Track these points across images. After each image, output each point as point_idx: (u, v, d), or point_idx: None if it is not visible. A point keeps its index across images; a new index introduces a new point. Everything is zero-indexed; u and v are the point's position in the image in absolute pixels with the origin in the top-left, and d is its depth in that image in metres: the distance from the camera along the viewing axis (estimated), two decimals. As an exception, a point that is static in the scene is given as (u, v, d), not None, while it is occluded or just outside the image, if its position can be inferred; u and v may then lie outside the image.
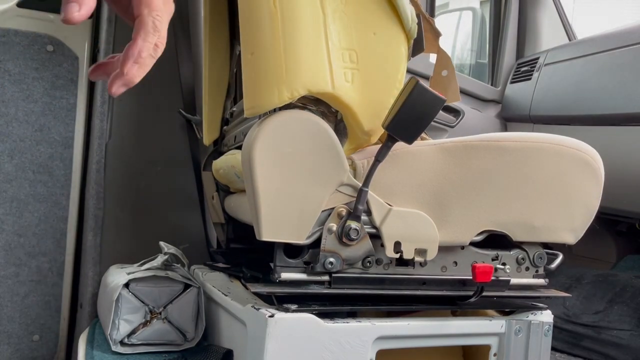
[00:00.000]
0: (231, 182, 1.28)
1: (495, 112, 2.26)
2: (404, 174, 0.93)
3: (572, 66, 1.96)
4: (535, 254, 1.05)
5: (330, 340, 0.90)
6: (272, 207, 0.86)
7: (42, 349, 1.56)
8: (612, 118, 1.76)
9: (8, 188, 1.51)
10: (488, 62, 2.41)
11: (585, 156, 1.03)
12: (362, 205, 0.90)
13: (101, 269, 1.49)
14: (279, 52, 0.84)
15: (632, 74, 1.71)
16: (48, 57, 1.55)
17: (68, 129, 1.57)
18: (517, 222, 1.00)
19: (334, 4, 0.89)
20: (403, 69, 0.94)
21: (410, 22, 0.94)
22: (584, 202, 1.05)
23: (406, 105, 0.84)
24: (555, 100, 1.99)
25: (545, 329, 1.06)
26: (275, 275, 0.90)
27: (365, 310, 1.00)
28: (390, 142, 0.88)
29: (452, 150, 0.96)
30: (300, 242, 0.90)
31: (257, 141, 0.85)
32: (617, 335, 1.50)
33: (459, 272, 1.01)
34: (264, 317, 0.88)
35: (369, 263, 0.94)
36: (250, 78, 0.87)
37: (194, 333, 1.22)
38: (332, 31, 0.88)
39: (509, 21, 2.33)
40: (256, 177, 0.85)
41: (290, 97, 0.84)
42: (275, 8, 0.85)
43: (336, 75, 0.87)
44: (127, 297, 1.17)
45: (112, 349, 1.16)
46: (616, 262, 2.08)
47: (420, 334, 0.99)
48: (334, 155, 0.89)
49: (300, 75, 0.84)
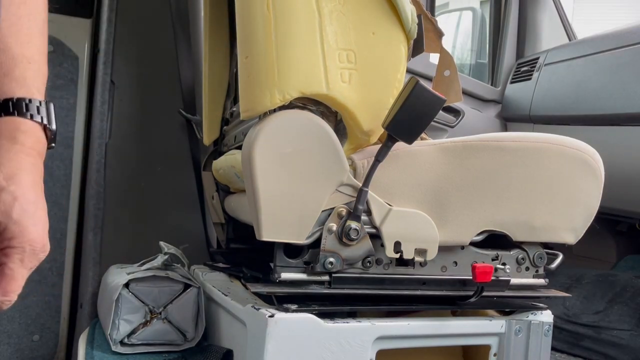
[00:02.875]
0: (231, 182, 1.28)
1: (495, 112, 2.26)
2: (404, 174, 0.93)
3: (572, 66, 1.96)
4: (535, 254, 1.05)
5: (330, 340, 0.90)
6: (272, 207, 0.86)
7: (42, 349, 1.56)
8: (612, 118, 1.76)
9: (8, 188, 1.50)
10: (488, 62, 2.41)
11: (585, 156, 1.03)
12: (362, 205, 0.90)
13: (101, 269, 1.49)
14: (272, 55, 0.85)
15: (632, 74, 1.71)
16: (48, 57, 1.54)
17: (68, 129, 1.57)
18: (517, 222, 1.00)
19: (331, 4, 0.89)
20: (403, 69, 0.94)
21: (410, 22, 0.94)
22: (584, 202, 1.04)
23: (406, 105, 0.84)
24: (555, 100, 1.99)
25: (545, 329, 1.06)
26: (275, 275, 0.90)
27: (365, 310, 1.00)
28: (390, 142, 0.88)
29: (452, 150, 0.95)
30: (300, 242, 0.90)
31: (257, 141, 0.85)
32: (617, 335, 1.50)
33: (459, 272, 1.01)
34: (264, 317, 0.88)
35: (369, 263, 0.94)
36: (245, 81, 0.88)
37: (194, 333, 1.21)
38: (328, 32, 0.88)
39: (509, 21, 2.33)
40: (256, 177, 0.85)
41: (282, 100, 0.85)
42: (269, 12, 0.85)
43: (331, 76, 0.87)
44: (127, 297, 1.17)
45: (112, 349, 1.16)
46: (616, 262, 2.08)
47: (420, 334, 0.99)
48: (334, 155, 0.89)
49: (293, 77, 0.85)
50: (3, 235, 0.47)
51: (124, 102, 1.59)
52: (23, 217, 0.48)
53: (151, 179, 1.63)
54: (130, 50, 1.65)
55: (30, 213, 0.48)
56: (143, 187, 1.62)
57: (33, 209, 0.49)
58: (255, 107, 0.86)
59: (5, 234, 0.47)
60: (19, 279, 0.47)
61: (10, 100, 0.49)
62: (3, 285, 0.46)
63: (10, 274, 0.47)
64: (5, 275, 0.46)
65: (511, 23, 2.33)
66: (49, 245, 0.50)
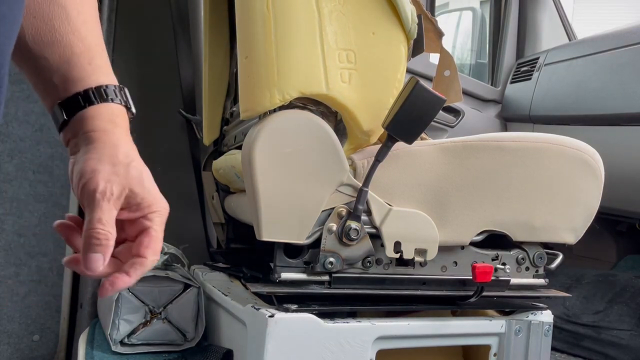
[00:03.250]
0: (231, 182, 1.28)
1: (495, 112, 2.26)
2: (404, 174, 0.93)
3: (572, 66, 1.96)
4: (535, 254, 1.05)
5: (330, 340, 0.90)
6: (272, 207, 0.86)
7: (42, 349, 1.56)
8: (612, 118, 1.76)
9: (8, 188, 1.51)
10: (488, 62, 2.41)
11: (585, 156, 1.03)
12: (362, 205, 0.90)
13: (101, 269, 1.49)
14: (272, 56, 0.85)
15: (632, 74, 1.71)
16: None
17: (68, 128, 1.57)
18: (517, 222, 1.00)
19: (331, 4, 0.89)
20: (403, 69, 0.94)
21: (410, 23, 0.94)
22: (584, 202, 1.04)
23: (406, 105, 0.84)
24: (555, 100, 1.98)
25: (545, 329, 1.06)
26: (275, 275, 0.90)
27: (365, 310, 1.00)
28: (390, 142, 0.88)
29: (452, 150, 0.95)
30: (300, 242, 0.90)
31: (257, 141, 0.85)
32: (617, 335, 1.50)
33: (459, 272, 1.01)
34: (264, 317, 0.88)
35: (369, 263, 0.94)
36: (245, 81, 0.88)
37: (194, 333, 1.21)
38: (328, 32, 0.88)
39: (509, 21, 2.33)
40: (256, 177, 0.85)
41: (282, 100, 0.85)
42: (268, 12, 0.85)
43: (331, 76, 0.87)
44: (127, 297, 1.17)
45: (112, 349, 1.16)
46: (616, 262, 2.08)
47: (420, 334, 0.99)
48: (334, 155, 0.89)
49: (292, 77, 0.85)
50: (141, 204, 0.52)
51: (124, 102, 1.59)
52: (152, 186, 0.53)
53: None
54: (130, 50, 1.65)
55: (153, 182, 0.54)
56: (143, 187, 1.62)
57: (152, 179, 0.54)
58: (255, 107, 0.87)
59: (144, 202, 0.52)
60: (162, 239, 0.53)
61: (102, 87, 0.54)
62: (153, 245, 0.52)
63: (156, 235, 0.52)
64: (153, 237, 0.52)
65: (511, 23, 2.33)
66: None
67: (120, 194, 0.50)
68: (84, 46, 0.54)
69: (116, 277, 0.50)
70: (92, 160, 0.51)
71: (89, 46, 0.54)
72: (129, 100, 0.58)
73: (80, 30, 0.54)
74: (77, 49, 0.53)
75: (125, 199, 0.51)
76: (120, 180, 0.50)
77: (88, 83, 0.53)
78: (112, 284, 0.50)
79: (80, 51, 0.53)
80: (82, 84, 0.53)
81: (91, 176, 0.50)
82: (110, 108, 0.54)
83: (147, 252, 0.51)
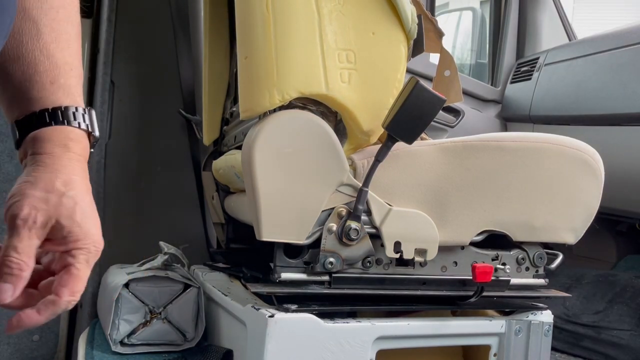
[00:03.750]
0: (231, 182, 1.28)
1: (495, 112, 2.26)
2: (404, 174, 0.93)
3: (572, 66, 1.96)
4: (535, 254, 1.05)
5: (330, 340, 0.90)
6: (272, 207, 0.86)
7: (42, 349, 1.56)
8: (612, 118, 1.76)
9: (8, 188, 1.50)
10: (488, 62, 2.41)
11: (585, 156, 1.03)
12: (362, 205, 0.90)
13: (101, 269, 1.49)
14: (271, 56, 0.85)
15: (632, 74, 1.71)
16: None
17: (68, 129, 1.56)
18: (517, 222, 1.00)
19: (331, 4, 0.89)
20: (402, 69, 0.94)
21: (410, 22, 0.94)
22: (584, 202, 1.04)
23: (406, 105, 0.84)
24: (555, 100, 1.98)
25: (545, 329, 1.06)
26: (275, 275, 0.90)
27: (365, 310, 1.00)
28: (390, 142, 0.88)
29: (452, 150, 0.95)
30: (300, 242, 0.90)
31: (257, 141, 0.85)
32: (617, 335, 1.50)
33: (459, 272, 1.01)
34: (264, 317, 0.88)
35: (369, 263, 0.94)
36: (245, 81, 0.89)
37: (194, 333, 1.21)
38: (327, 32, 0.88)
39: (509, 21, 2.33)
40: (256, 177, 0.85)
41: (281, 100, 0.85)
42: (268, 12, 0.86)
43: (331, 76, 0.88)
44: (127, 297, 1.17)
45: (112, 349, 1.16)
46: (616, 262, 2.08)
47: (420, 334, 0.99)
48: (334, 155, 0.89)
49: (292, 77, 0.85)
50: (67, 238, 0.48)
51: (123, 102, 1.59)
52: (85, 220, 0.49)
53: (151, 179, 1.63)
54: (130, 50, 1.65)
55: (89, 215, 0.50)
56: (143, 187, 1.62)
57: (90, 211, 0.50)
58: (254, 107, 0.87)
59: (70, 236, 0.48)
60: (85, 279, 0.49)
61: (59, 109, 0.51)
62: (71, 285, 0.48)
63: (77, 274, 0.48)
64: (73, 276, 0.48)
65: (511, 23, 2.33)
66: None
67: (45, 223, 0.47)
68: (49, 64, 0.51)
69: (25, 313, 0.47)
70: (27, 183, 0.48)
71: (56, 64, 0.51)
72: (93, 123, 0.54)
73: (49, 48, 0.51)
74: (41, 66, 0.50)
75: (51, 230, 0.48)
76: (48, 209, 0.47)
77: (46, 103, 0.51)
78: (19, 321, 0.47)
79: (44, 69, 0.51)
80: (40, 103, 0.51)
81: (18, 199, 0.47)
82: (64, 131, 0.51)
83: (62, 291, 0.47)
